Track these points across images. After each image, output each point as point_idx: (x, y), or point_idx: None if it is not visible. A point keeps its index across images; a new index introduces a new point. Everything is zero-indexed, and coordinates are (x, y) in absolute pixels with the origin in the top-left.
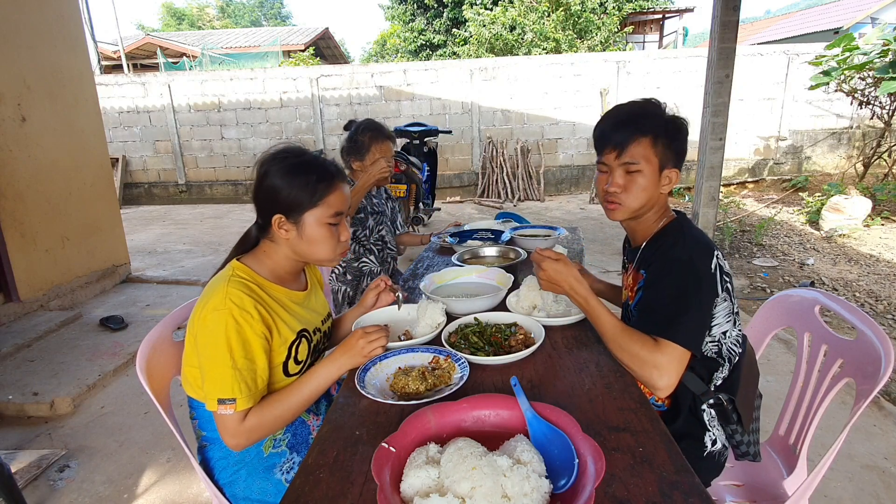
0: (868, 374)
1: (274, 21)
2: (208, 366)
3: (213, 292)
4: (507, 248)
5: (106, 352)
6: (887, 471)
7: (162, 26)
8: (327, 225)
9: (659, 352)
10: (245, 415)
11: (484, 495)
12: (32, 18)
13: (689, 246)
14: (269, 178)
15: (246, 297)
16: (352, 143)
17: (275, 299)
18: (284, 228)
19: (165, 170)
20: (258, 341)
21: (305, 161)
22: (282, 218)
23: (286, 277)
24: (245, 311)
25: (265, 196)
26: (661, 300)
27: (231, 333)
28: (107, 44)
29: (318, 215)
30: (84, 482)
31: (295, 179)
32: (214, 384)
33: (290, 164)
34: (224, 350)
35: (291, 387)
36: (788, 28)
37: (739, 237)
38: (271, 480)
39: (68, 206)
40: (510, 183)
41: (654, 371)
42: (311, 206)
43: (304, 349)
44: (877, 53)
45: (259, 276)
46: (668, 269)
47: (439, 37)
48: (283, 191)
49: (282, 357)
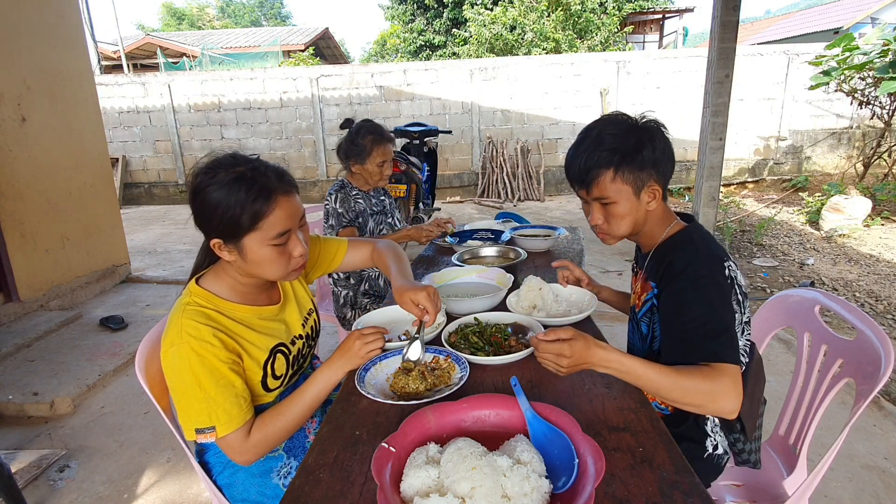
0: (868, 374)
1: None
2: (178, 399)
3: (171, 325)
4: (507, 248)
5: (106, 352)
6: (887, 471)
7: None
8: (271, 246)
9: (720, 378)
10: (248, 432)
11: (484, 495)
12: (32, 18)
13: (702, 261)
14: (200, 197)
15: (203, 326)
16: (352, 145)
17: (238, 321)
18: (226, 251)
19: (165, 170)
20: (226, 366)
21: (238, 177)
22: (220, 242)
23: (251, 294)
24: (204, 342)
25: (200, 216)
26: (697, 324)
27: (195, 365)
28: (107, 44)
29: (259, 238)
30: (84, 482)
31: (227, 200)
32: (189, 416)
33: (220, 180)
34: (191, 383)
35: (292, 396)
36: (788, 28)
37: (739, 237)
38: (269, 484)
39: (68, 206)
40: (510, 183)
41: (723, 399)
42: (248, 230)
43: (282, 363)
44: (877, 53)
45: (219, 297)
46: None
47: (439, 37)
48: (217, 213)
49: (258, 376)
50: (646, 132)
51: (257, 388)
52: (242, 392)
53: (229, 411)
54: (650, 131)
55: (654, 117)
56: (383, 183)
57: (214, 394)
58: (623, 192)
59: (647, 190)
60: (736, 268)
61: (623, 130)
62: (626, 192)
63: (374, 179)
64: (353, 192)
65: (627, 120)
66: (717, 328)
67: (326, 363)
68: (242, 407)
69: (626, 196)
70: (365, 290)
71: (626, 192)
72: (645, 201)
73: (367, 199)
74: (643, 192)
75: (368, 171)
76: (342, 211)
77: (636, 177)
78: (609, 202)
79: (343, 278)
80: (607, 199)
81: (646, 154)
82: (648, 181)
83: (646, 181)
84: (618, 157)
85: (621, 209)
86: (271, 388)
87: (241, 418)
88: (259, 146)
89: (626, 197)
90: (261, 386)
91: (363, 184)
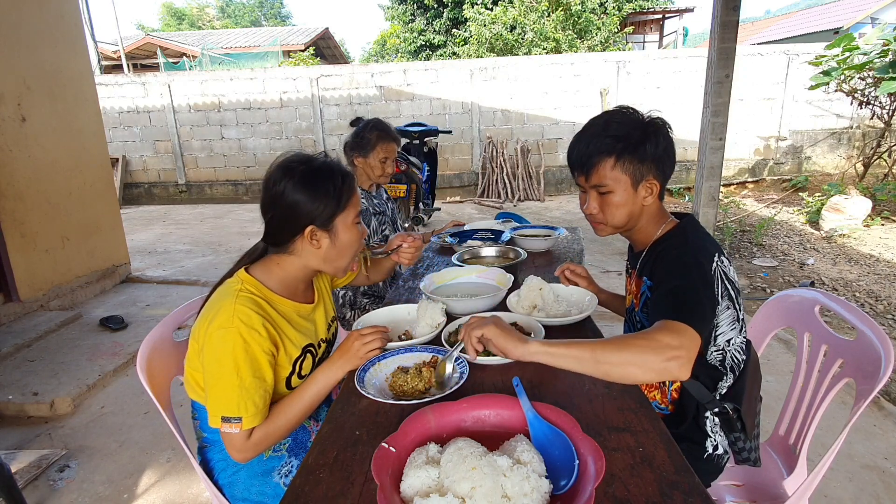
0: (868, 374)
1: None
2: (213, 383)
3: (221, 308)
4: (507, 248)
5: (106, 352)
6: (887, 471)
7: (162, 26)
8: (355, 226)
9: (670, 333)
10: (251, 431)
11: (484, 495)
12: (32, 18)
13: (690, 250)
14: (286, 196)
15: (255, 314)
16: (358, 138)
17: (282, 314)
18: (316, 239)
19: (165, 170)
20: (266, 358)
21: (319, 167)
22: (314, 229)
23: (296, 290)
24: (253, 330)
25: (285, 214)
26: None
27: (239, 352)
28: (107, 44)
29: (346, 218)
30: (84, 482)
31: (317, 189)
32: (219, 402)
33: (304, 174)
34: (231, 369)
35: (292, 396)
36: (788, 28)
37: (739, 237)
38: (270, 483)
39: (68, 206)
40: (510, 183)
41: (663, 354)
42: (340, 210)
43: (309, 364)
44: (877, 53)
45: (267, 289)
46: (675, 271)
47: (439, 37)
48: (308, 203)
49: (286, 372)
50: (651, 127)
51: (280, 385)
52: (270, 388)
53: (257, 403)
54: (656, 128)
55: (660, 116)
56: (384, 180)
57: (249, 384)
58: (621, 182)
59: (645, 184)
60: (728, 263)
61: (630, 122)
62: (624, 182)
63: (375, 174)
64: None
65: (635, 114)
66: (688, 299)
67: (326, 363)
68: (267, 402)
69: (623, 186)
70: (364, 290)
71: (623, 183)
72: (641, 195)
73: (370, 198)
74: (641, 185)
75: (370, 164)
76: None
77: (636, 168)
78: (606, 191)
79: None
80: (605, 187)
81: (648, 148)
82: (647, 175)
83: (645, 175)
84: (621, 145)
85: (617, 199)
86: (293, 387)
87: (264, 413)
88: (259, 146)
89: (624, 187)
90: (284, 383)
91: (364, 180)
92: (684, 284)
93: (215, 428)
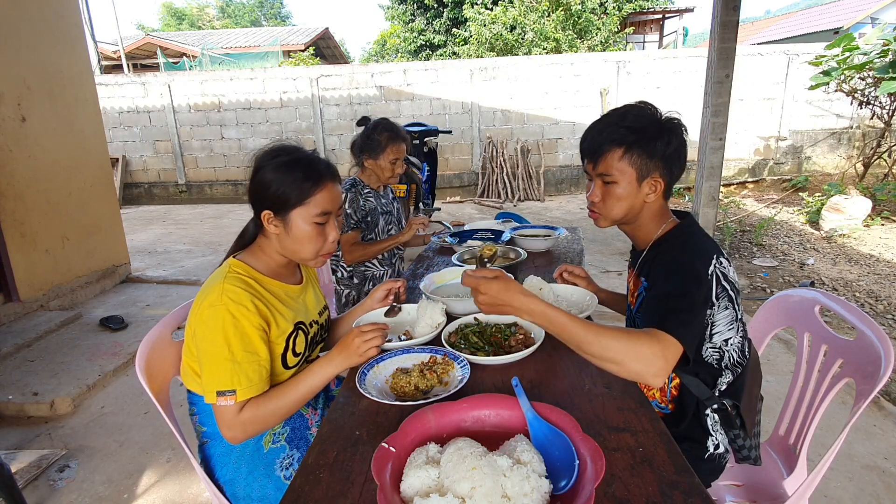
0: (868, 374)
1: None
2: (206, 360)
3: (210, 289)
4: (507, 248)
5: (106, 352)
6: (887, 471)
7: (162, 26)
8: (314, 224)
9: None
10: (242, 406)
11: (484, 495)
12: (32, 18)
13: (689, 250)
14: (260, 174)
15: (242, 291)
16: (367, 140)
17: (271, 293)
18: (273, 224)
19: (165, 170)
20: (256, 333)
21: (296, 159)
22: (270, 214)
23: (282, 272)
24: (241, 305)
25: (256, 191)
26: (661, 299)
27: (228, 328)
28: (107, 44)
29: (305, 214)
30: (84, 482)
31: (284, 176)
32: (213, 377)
33: (281, 161)
34: (222, 344)
35: (288, 383)
36: (788, 28)
37: (739, 237)
38: (271, 477)
39: (68, 206)
40: (510, 183)
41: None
42: (297, 203)
43: (302, 341)
44: (877, 53)
45: (255, 271)
46: (669, 272)
47: (439, 37)
48: (272, 187)
49: (280, 349)
50: (667, 126)
51: (277, 364)
52: (265, 362)
53: (251, 377)
54: (671, 126)
55: (677, 117)
56: (394, 181)
57: (241, 357)
58: (626, 175)
59: (650, 180)
60: (728, 264)
61: (647, 117)
62: (629, 175)
63: (385, 176)
64: (365, 191)
65: (653, 110)
66: (677, 306)
67: (325, 357)
68: (263, 376)
69: (628, 179)
70: (368, 289)
71: (629, 175)
72: (644, 191)
73: (378, 197)
74: (646, 181)
75: (381, 166)
76: (350, 212)
77: (644, 163)
78: (610, 181)
79: (346, 277)
80: (610, 177)
81: (659, 145)
82: (654, 172)
83: (651, 171)
84: (633, 137)
85: (620, 191)
86: (290, 366)
87: (260, 387)
88: (259, 146)
89: (628, 180)
90: (280, 361)
91: (374, 181)
92: (675, 291)
93: (210, 404)
